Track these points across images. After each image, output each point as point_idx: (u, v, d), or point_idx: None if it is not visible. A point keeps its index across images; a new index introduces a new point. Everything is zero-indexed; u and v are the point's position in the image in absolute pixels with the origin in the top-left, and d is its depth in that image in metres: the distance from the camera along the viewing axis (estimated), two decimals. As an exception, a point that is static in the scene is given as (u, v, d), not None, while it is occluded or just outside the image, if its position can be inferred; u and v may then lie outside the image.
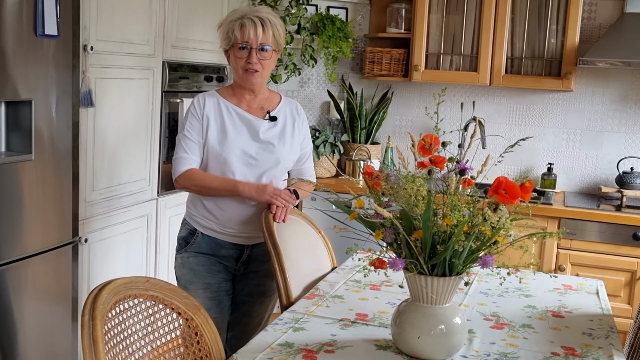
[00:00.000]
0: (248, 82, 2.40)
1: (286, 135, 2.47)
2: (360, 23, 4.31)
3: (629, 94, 3.89)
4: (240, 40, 2.34)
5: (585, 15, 3.88)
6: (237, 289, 2.53)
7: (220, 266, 2.46)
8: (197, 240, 2.44)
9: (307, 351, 1.78)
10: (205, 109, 2.40)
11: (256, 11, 2.37)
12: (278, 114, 2.49)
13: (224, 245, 2.45)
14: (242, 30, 2.33)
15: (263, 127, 2.44)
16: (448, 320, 1.75)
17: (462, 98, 4.16)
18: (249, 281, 2.52)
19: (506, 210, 1.68)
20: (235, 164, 2.38)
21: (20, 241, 2.53)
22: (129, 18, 3.07)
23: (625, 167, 3.86)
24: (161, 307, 1.76)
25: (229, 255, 2.46)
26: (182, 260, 2.47)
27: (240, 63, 2.37)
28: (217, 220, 2.42)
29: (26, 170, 2.53)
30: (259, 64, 2.37)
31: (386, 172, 1.82)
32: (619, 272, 3.46)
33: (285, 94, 4.46)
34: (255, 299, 2.54)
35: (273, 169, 2.44)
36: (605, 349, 1.90)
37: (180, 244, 2.49)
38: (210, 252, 2.45)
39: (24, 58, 2.46)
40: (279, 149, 2.44)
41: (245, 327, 2.55)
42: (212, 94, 2.45)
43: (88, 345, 1.45)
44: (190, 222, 2.48)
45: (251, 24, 2.33)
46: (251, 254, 2.48)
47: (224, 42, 2.40)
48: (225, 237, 2.44)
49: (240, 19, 2.34)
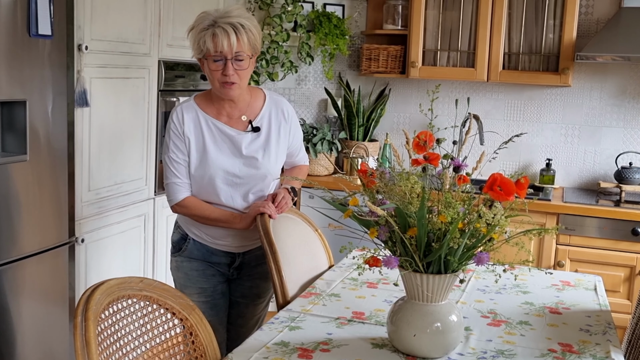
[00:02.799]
0: (226, 95, 2.26)
1: (271, 145, 2.35)
2: (357, 20, 4.30)
3: (627, 88, 3.88)
4: (213, 52, 2.16)
5: (582, 10, 3.86)
6: (231, 290, 2.52)
7: (215, 269, 2.44)
8: (189, 246, 2.42)
9: (303, 350, 1.78)
10: (184, 126, 2.28)
11: (227, 16, 2.17)
12: (262, 121, 2.35)
13: (216, 253, 2.42)
14: (215, 41, 2.14)
15: (245, 142, 2.31)
16: (444, 318, 1.74)
17: (460, 94, 4.15)
18: (242, 283, 2.50)
19: (501, 207, 1.67)
20: (220, 185, 2.31)
21: (17, 242, 2.53)
22: (124, 17, 3.06)
23: (624, 162, 3.85)
24: (155, 307, 1.75)
25: (221, 262, 2.44)
26: (176, 264, 2.46)
27: (216, 76, 2.20)
28: (207, 233, 2.40)
29: (21, 171, 2.52)
30: (236, 75, 2.20)
31: (381, 170, 1.81)
32: (618, 267, 3.45)
33: (282, 91, 4.46)
34: (249, 301, 2.52)
35: (259, 184, 2.36)
36: (603, 345, 1.89)
37: (174, 247, 2.47)
38: (202, 258, 2.42)
39: (18, 58, 2.45)
40: (264, 164, 2.34)
41: (240, 328, 2.54)
42: (190, 106, 2.31)
43: (81, 347, 1.44)
44: (183, 227, 2.45)
45: (223, 33, 2.13)
46: (243, 260, 2.46)
47: (195, 51, 2.22)
48: (217, 245, 2.41)
49: (212, 28, 2.15)
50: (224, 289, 2.48)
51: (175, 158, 2.30)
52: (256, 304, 2.54)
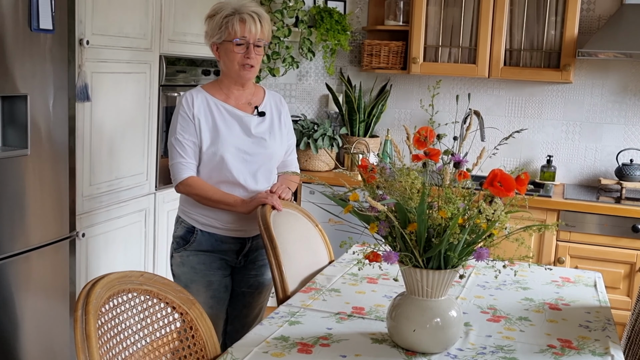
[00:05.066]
0: (243, 78, 2.40)
1: (275, 129, 2.49)
2: (359, 15, 4.30)
3: (629, 85, 3.88)
4: (240, 35, 2.33)
5: (584, 7, 3.86)
6: (235, 281, 2.54)
7: (221, 262, 2.46)
8: (197, 238, 2.44)
9: (303, 345, 1.78)
10: (194, 109, 2.37)
11: (248, 6, 2.36)
12: (265, 108, 2.49)
13: (225, 240, 2.45)
14: (243, 25, 2.32)
15: (253, 123, 2.44)
16: (444, 313, 1.74)
17: (461, 90, 4.15)
18: (247, 272, 2.53)
19: (501, 202, 1.67)
20: (232, 162, 2.38)
21: (18, 236, 2.53)
22: (125, 11, 3.05)
23: (625, 159, 3.85)
24: (155, 301, 1.76)
25: (230, 249, 2.47)
26: (181, 259, 2.47)
27: (237, 58, 2.35)
28: (218, 217, 2.42)
29: (22, 165, 2.53)
30: (255, 58, 2.38)
31: (381, 165, 1.81)
32: (618, 264, 3.46)
33: (283, 87, 4.46)
34: (254, 289, 2.55)
35: (267, 163, 2.46)
36: (602, 341, 1.89)
37: (179, 242, 2.47)
38: (211, 248, 2.44)
39: (19, 53, 2.45)
40: (271, 144, 2.46)
41: (245, 319, 2.56)
42: (199, 91, 2.43)
43: (81, 340, 1.44)
44: (188, 220, 2.46)
45: (251, 19, 2.32)
46: (252, 245, 2.49)
47: (215, 35, 2.37)
48: (227, 232, 2.44)
49: (238, 14, 2.33)
50: (228, 282, 2.51)
51: (182, 139, 2.37)
52: (260, 292, 2.57)
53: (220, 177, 2.39)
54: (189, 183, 2.37)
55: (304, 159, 4.13)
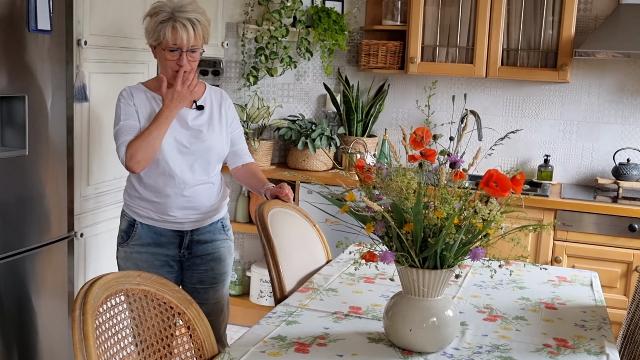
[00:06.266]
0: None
1: (214, 122, 2.49)
2: (356, 15, 4.30)
3: (625, 85, 3.89)
4: (172, 44, 2.33)
5: (581, 7, 3.86)
6: (186, 277, 2.56)
7: (165, 259, 2.49)
8: (137, 230, 2.47)
9: (300, 344, 1.79)
10: (134, 98, 2.41)
11: (183, 10, 2.33)
12: (204, 102, 2.50)
13: (164, 233, 2.48)
14: (174, 34, 2.31)
15: (191, 116, 2.45)
16: (440, 312, 1.75)
17: (458, 90, 4.15)
18: (196, 267, 2.54)
19: (497, 202, 1.68)
20: (169, 152, 2.39)
21: (16, 236, 2.54)
22: (123, 12, 3.06)
23: (622, 159, 3.86)
24: (153, 301, 1.76)
25: (170, 242, 2.49)
26: (125, 254, 2.50)
27: (171, 64, 2.37)
28: (154, 209, 2.45)
29: (20, 166, 2.53)
30: (188, 64, 2.37)
31: (378, 165, 1.82)
32: (615, 263, 3.46)
33: (281, 87, 4.46)
34: (208, 285, 2.56)
35: (205, 155, 2.46)
36: (597, 340, 1.90)
37: (122, 236, 2.51)
38: (151, 241, 2.47)
39: (17, 53, 2.46)
40: (209, 136, 2.47)
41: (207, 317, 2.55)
42: (138, 87, 2.46)
43: (79, 340, 1.45)
44: (129, 213, 2.50)
45: (183, 28, 2.31)
46: (192, 239, 2.51)
47: (151, 38, 2.38)
48: (164, 224, 2.47)
49: (171, 21, 2.31)
50: (175, 279, 2.53)
51: (125, 122, 2.37)
52: (215, 288, 2.57)
53: (158, 168, 2.41)
54: (129, 151, 2.31)
55: (302, 159, 4.13)
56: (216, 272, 2.57)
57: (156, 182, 2.43)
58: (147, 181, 2.44)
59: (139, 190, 2.46)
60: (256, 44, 4.24)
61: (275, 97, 4.48)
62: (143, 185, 2.45)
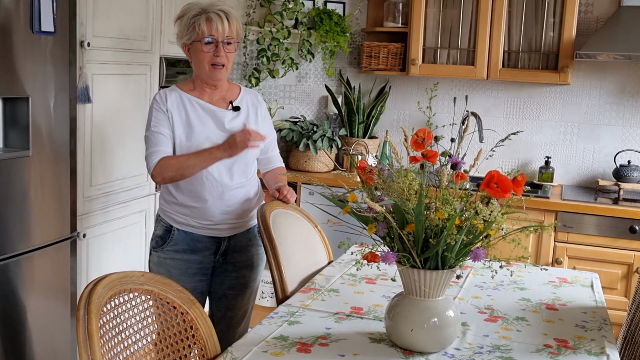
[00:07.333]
0: (214, 78, 2.40)
1: (251, 124, 2.46)
2: (358, 17, 4.32)
3: (626, 87, 3.90)
4: (208, 34, 2.31)
5: (582, 9, 3.88)
6: (217, 283, 2.53)
7: (198, 268, 2.45)
8: (174, 237, 2.44)
9: (302, 344, 1.80)
10: (168, 104, 2.38)
11: (216, 5, 2.35)
12: (240, 103, 2.48)
13: (201, 240, 2.44)
14: (209, 24, 2.31)
15: (227, 117, 2.43)
16: (441, 313, 1.76)
17: (460, 92, 4.16)
18: (228, 274, 2.52)
19: (498, 203, 1.69)
20: None
21: (19, 237, 2.55)
22: (126, 14, 3.07)
23: (623, 160, 3.87)
24: (156, 301, 1.78)
25: (207, 248, 2.46)
26: (158, 260, 2.47)
27: (207, 57, 2.35)
28: (192, 214, 2.42)
29: (24, 167, 2.55)
30: (225, 57, 2.36)
31: (379, 167, 1.83)
32: (615, 265, 3.47)
33: (283, 88, 4.48)
34: (237, 291, 2.54)
35: (242, 157, 2.42)
36: (598, 341, 1.91)
37: (157, 241, 2.47)
38: (188, 247, 2.43)
39: (21, 55, 2.47)
40: None
41: (230, 320, 2.56)
42: (173, 89, 2.43)
43: (83, 339, 1.46)
44: (166, 218, 2.47)
45: (217, 17, 2.31)
46: (229, 245, 2.49)
47: (185, 36, 2.36)
48: (202, 230, 2.43)
49: (205, 13, 2.32)
50: (204, 287, 2.50)
51: (157, 130, 2.35)
52: (244, 294, 2.56)
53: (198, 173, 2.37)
54: (161, 164, 2.32)
55: (304, 160, 4.15)
56: (247, 279, 2.55)
57: (194, 186, 2.39)
58: (184, 186, 2.40)
59: (176, 195, 2.42)
60: (258, 46, 4.25)
61: (277, 98, 4.50)
62: (180, 190, 2.41)
